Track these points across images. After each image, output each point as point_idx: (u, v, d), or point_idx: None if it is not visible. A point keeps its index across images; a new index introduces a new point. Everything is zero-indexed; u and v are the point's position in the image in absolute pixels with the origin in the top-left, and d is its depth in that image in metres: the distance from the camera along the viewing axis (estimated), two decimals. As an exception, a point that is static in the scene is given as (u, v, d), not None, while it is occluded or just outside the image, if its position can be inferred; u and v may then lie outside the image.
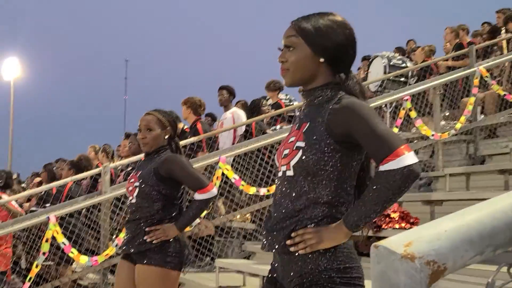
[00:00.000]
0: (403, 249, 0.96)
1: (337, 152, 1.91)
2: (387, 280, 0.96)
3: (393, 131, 1.89)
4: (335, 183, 1.92)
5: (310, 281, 1.91)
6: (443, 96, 7.86)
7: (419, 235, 1.05)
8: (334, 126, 1.90)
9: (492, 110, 8.09)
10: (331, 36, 1.98)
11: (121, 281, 3.49)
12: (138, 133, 3.63)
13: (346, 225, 1.87)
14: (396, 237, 1.03)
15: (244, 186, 6.46)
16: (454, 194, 5.56)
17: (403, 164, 1.77)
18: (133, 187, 3.50)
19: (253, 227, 7.21)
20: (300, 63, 2.01)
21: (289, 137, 2.02)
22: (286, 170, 1.98)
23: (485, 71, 7.60)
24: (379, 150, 1.82)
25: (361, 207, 1.84)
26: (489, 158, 7.52)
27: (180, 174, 3.41)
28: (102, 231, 6.18)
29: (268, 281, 2.12)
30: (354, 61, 2.07)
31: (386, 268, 0.96)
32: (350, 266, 1.91)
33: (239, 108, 8.38)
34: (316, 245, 1.89)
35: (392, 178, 1.78)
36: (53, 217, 5.78)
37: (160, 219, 3.41)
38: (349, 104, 1.91)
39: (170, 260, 3.35)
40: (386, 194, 1.80)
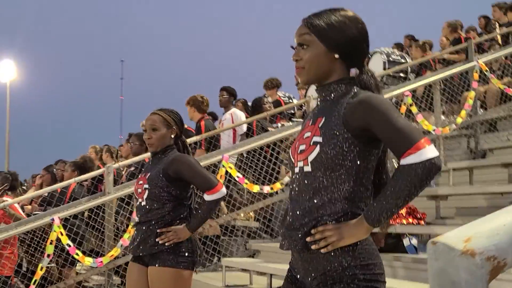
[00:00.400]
0: (462, 245, 0.95)
1: (355, 146, 1.89)
2: (447, 277, 0.95)
3: (413, 125, 1.87)
4: (354, 178, 1.91)
5: (333, 278, 1.89)
6: (442, 90, 7.86)
7: (476, 230, 1.03)
8: (351, 120, 1.89)
9: (493, 104, 8.11)
10: (344, 32, 1.97)
11: (132, 283, 3.46)
12: (144, 133, 3.61)
13: (367, 220, 1.84)
14: (453, 233, 1.01)
15: (247, 184, 6.46)
16: (459, 188, 5.56)
17: (424, 157, 1.76)
18: (142, 189, 3.47)
19: (257, 226, 7.20)
20: (315, 61, 2.00)
21: (304, 132, 2.00)
22: (303, 166, 1.96)
23: (485, 66, 7.61)
24: (399, 144, 1.80)
25: (382, 202, 1.81)
26: (490, 152, 7.54)
27: (189, 174, 3.38)
28: (106, 232, 6.16)
29: (288, 280, 2.10)
30: (367, 55, 2.06)
31: (445, 265, 0.94)
32: (372, 263, 1.90)
33: (239, 108, 8.39)
34: (337, 243, 1.87)
35: (414, 171, 1.76)
36: (57, 219, 5.77)
37: (171, 220, 3.39)
38: (367, 98, 1.89)
39: (183, 260, 3.33)
40: (408, 188, 1.77)
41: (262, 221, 7.21)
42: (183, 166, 3.40)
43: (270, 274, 4.79)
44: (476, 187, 5.68)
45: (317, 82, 2.05)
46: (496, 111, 8.00)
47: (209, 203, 3.36)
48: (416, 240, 4.91)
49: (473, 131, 7.68)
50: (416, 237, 4.92)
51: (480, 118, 7.74)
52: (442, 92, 7.78)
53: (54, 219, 5.75)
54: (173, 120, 3.55)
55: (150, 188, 3.43)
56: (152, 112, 3.59)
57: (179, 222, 3.40)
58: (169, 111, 3.60)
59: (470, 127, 7.72)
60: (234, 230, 6.95)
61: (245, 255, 6.87)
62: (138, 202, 3.50)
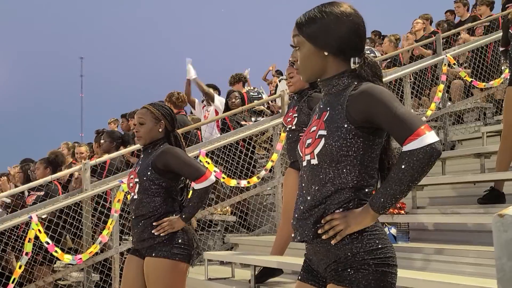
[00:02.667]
0: None
1: (359, 137, 1.96)
2: None
3: (413, 113, 1.95)
4: (359, 167, 1.98)
5: (344, 265, 1.95)
6: (413, 84, 8.03)
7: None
8: (354, 112, 1.95)
9: (459, 97, 8.33)
10: (330, 30, 2.02)
11: (130, 275, 3.50)
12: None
13: (372, 208, 1.91)
14: None
15: (225, 178, 6.50)
16: (434, 179, 5.70)
17: (425, 142, 1.83)
18: (134, 183, 3.51)
19: (234, 219, 7.25)
20: (307, 61, 2.07)
21: (311, 127, 2.07)
22: (310, 159, 2.02)
23: (452, 59, 7.80)
24: (401, 131, 1.87)
25: (387, 189, 1.88)
26: (459, 143, 7.74)
27: (177, 165, 3.43)
28: (85, 229, 6.13)
29: (304, 270, 2.16)
30: (363, 43, 2.09)
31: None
32: (382, 247, 1.97)
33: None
34: (344, 231, 1.94)
35: (416, 157, 1.82)
36: (35, 217, 5.71)
37: (163, 213, 3.43)
38: (368, 89, 1.96)
39: (178, 252, 3.38)
40: (411, 173, 1.84)
41: (239, 215, 7.26)
42: (170, 157, 3.44)
43: (253, 265, 4.83)
44: (450, 177, 5.84)
45: (316, 79, 2.12)
46: (463, 103, 8.21)
47: (199, 191, 3.41)
48: (395, 230, 5.03)
49: (442, 123, 7.87)
50: (395, 226, 5.03)
51: (449, 110, 7.92)
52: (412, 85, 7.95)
53: (32, 217, 5.70)
54: (161, 114, 3.58)
55: (140, 181, 3.47)
56: (142, 106, 3.62)
57: (172, 215, 3.44)
58: (159, 105, 3.64)
59: (439, 119, 7.91)
60: (212, 224, 6.98)
61: (223, 249, 6.91)
62: (131, 196, 3.54)
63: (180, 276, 3.40)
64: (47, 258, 6.08)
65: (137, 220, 3.47)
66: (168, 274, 3.35)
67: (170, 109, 3.68)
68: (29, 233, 5.64)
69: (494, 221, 1.09)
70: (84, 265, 6.09)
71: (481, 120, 8.05)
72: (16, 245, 6.12)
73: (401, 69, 7.81)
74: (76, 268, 6.23)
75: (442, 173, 6.20)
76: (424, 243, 4.99)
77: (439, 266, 4.34)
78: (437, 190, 6.12)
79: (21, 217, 5.85)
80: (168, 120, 3.61)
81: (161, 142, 3.57)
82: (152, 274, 3.36)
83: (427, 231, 5.38)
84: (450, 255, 4.38)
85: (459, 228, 5.07)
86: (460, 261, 4.28)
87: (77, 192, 6.22)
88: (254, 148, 7.30)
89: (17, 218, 5.88)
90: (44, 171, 6.99)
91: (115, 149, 7.27)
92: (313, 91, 4.64)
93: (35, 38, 42.65)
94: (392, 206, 1.93)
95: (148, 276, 3.39)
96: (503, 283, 1.08)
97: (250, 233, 7.18)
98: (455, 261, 4.31)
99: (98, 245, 5.95)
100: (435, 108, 7.43)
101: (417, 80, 8.10)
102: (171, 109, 3.72)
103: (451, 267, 4.26)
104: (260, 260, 4.87)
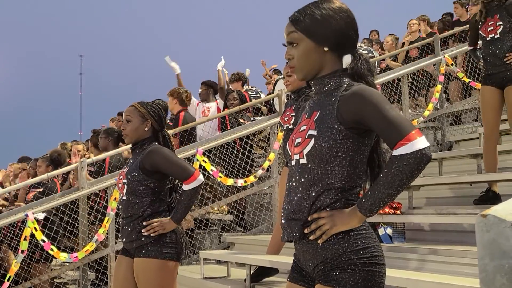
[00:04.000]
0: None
1: (348, 138, 1.95)
2: (498, 247, 1.02)
3: (404, 117, 1.94)
4: (348, 168, 1.97)
5: (331, 265, 1.95)
6: (410, 84, 8.04)
7: (522, 204, 1.10)
8: (344, 113, 1.94)
9: (457, 98, 8.34)
10: (330, 24, 2.01)
11: (120, 276, 3.50)
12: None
13: (360, 210, 1.91)
14: (501, 206, 1.08)
15: (222, 177, 6.50)
16: (430, 179, 5.70)
17: (415, 148, 1.82)
18: (122, 184, 3.50)
19: (230, 218, 7.25)
20: (306, 58, 2.04)
21: (300, 126, 2.06)
22: (299, 159, 2.01)
23: (450, 59, 7.82)
24: (391, 135, 1.86)
25: (375, 192, 1.88)
26: (456, 144, 7.75)
27: (165, 165, 3.40)
28: (81, 227, 6.13)
29: (294, 270, 2.16)
30: (357, 40, 2.10)
31: (496, 235, 1.01)
32: (369, 246, 1.96)
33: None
34: (330, 231, 1.94)
35: (406, 162, 1.82)
36: (31, 215, 5.71)
37: (151, 214, 3.42)
38: (359, 91, 1.94)
39: (167, 251, 3.38)
40: (400, 178, 1.83)
41: (236, 214, 7.26)
42: (158, 157, 3.41)
43: (249, 265, 4.83)
44: (447, 177, 5.84)
45: (312, 77, 2.10)
46: (461, 104, 8.22)
47: (188, 192, 3.39)
48: (391, 230, 5.03)
49: (439, 124, 7.88)
50: (391, 226, 5.04)
51: (446, 111, 7.93)
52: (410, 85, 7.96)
53: (28, 215, 5.69)
54: (148, 113, 3.54)
55: (128, 182, 3.46)
56: (130, 104, 3.61)
57: (159, 217, 3.43)
58: (147, 103, 3.61)
59: (436, 120, 7.91)
60: (209, 223, 6.98)
61: (219, 248, 6.92)
62: (120, 196, 3.54)
63: (170, 275, 3.39)
64: (43, 256, 6.07)
65: (126, 221, 3.47)
66: (158, 274, 3.34)
67: (159, 108, 3.62)
68: (25, 231, 5.63)
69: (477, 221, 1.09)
70: (80, 263, 6.09)
71: (478, 121, 8.05)
72: (12, 243, 6.11)
73: (399, 70, 7.81)
74: (72, 266, 6.22)
75: (439, 174, 6.20)
76: (420, 243, 4.99)
77: (435, 267, 4.35)
78: (433, 190, 6.13)
79: (17, 215, 5.83)
80: (156, 119, 3.56)
81: (149, 141, 3.53)
82: (142, 275, 3.36)
83: (423, 232, 5.38)
84: (446, 255, 4.38)
85: (455, 229, 5.08)
86: (456, 261, 4.28)
87: (74, 190, 6.21)
88: (252, 147, 7.30)
89: (12, 216, 5.86)
90: (46, 169, 7.01)
91: (111, 144, 7.24)
92: (310, 90, 4.64)
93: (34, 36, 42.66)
94: (380, 209, 1.93)
95: (138, 277, 3.39)
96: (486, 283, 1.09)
97: (246, 232, 7.18)
98: (451, 261, 4.31)
99: (94, 243, 5.95)
100: (432, 109, 7.44)
101: (415, 81, 8.11)
102: (161, 108, 3.67)
103: (447, 268, 4.26)
104: (256, 259, 4.87)
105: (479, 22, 5.45)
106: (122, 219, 3.52)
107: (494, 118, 5.33)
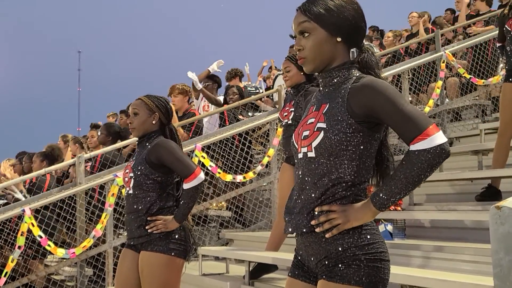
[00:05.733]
0: None
1: (359, 132, 1.91)
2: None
3: (420, 111, 1.90)
4: (357, 162, 1.93)
5: (335, 261, 1.91)
6: (411, 80, 7.99)
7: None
8: (355, 106, 1.90)
9: (455, 94, 8.29)
10: (343, 14, 1.98)
11: (124, 269, 3.44)
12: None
13: (374, 204, 1.87)
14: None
15: (220, 173, 6.45)
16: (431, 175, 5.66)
17: (434, 143, 1.79)
18: (129, 178, 3.45)
19: (229, 215, 7.21)
20: (318, 47, 2.00)
21: (307, 118, 2.01)
22: (307, 152, 1.97)
23: (451, 56, 7.76)
24: (408, 130, 1.82)
25: (391, 187, 1.84)
26: (457, 140, 7.70)
27: (168, 160, 3.35)
28: (78, 223, 6.08)
29: (295, 266, 2.12)
30: (365, 33, 2.07)
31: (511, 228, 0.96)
32: (373, 242, 1.92)
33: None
34: (342, 226, 1.90)
35: (424, 157, 1.79)
36: (28, 210, 5.65)
37: (158, 209, 3.37)
38: (371, 83, 1.90)
39: (175, 247, 3.32)
40: (418, 173, 1.80)
41: (235, 210, 7.22)
42: (163, 151, 3.37)
43: (248, 261, 4.79)
44: (447, 173, 5.80)
45: (322, 68, 2.04)
46: (461, 100, 8.17)
47: (188, 190, 3.34)
48: (391, 226, 4.99)
49: (440, 120, 7.83)
50: (392, 223, 4.99)
51: (447, 107, 7.88)
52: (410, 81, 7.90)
53: (25, 210, 5.64)
54: (155, 106, 3.51)
55: (135, 176, 3.41)
56: (137, 98, 3.56)
57: (166, 212, 3.38)
58: (154, 97, 3.58)
59: (437, 116, 7.87)
60: (207, 219, 6.93)
61: (218, 244, 6.87)
62: (126, 191, 3.48)
63: (176, 272, 3.34)
64: (40, 252, 6.02)
65: (133, 216, 3.41)
66: (163, 269, 3.29)
67: (166, 102, 3.59)
68: (22, 226, 5.58)
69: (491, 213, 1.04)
70: (77, 259, 6.04)
71: (479, 117, 8.01)
72: (9, 239, 6.06)
73: (399, 65, 7.76)
74: (69, 262, 6.17)
75: (440, 170, 6.16)
76: (421, 240, 4.96)
77: (435, 263, 4.31)
78: (434, 187, 6.08)
79: (14, 210, 5.78)
80: (163, 112, 3.53)
81: (156, 135, 3.50)
82: (147, 269, 3.30)
83: (424, 228, 5.34)
84: (447, 252, 4.34)
85: (456, 225, 5.04)
86: (457, 258, 4.24)
87: (71, 185, 6.16)
88: (251, 143, 7.25)
89: (9, 211, 5.81)
90: (40, 164, 6.96)
91: (111, 142, 7.20)
92: (310, 85, 4.60)
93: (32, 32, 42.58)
94: (393, 204, 1.90)
95: (142, 270, 3.33)
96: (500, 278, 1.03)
97: (245, 228, 7.14)
98: (452, 258, 4.27)
99: (92, 239, 5.90)
100: (433, 105, 7.39)
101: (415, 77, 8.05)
102: (168, 102, 3.63)
103: (448, 264, 4.22)
104: (255, 256, 4.82)
105: (507, 17, 5.30)
106: (128, 214, 3.46)
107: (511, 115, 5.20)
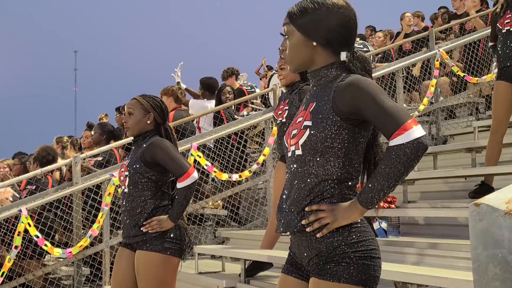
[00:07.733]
0: (505, 206, 1.01)
1: (344, 129, 1.94)
2: (491, 236, 1.00)
3: (400, 106, 1.93)
4: (343, 159, 1.96)
5: (326, 258, 1.94)
6: (405, 78, 8.02)
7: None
8: (340, 103, 1.93)
9: (448, 93, 8.33)
10: (320, 21, 2.00)
11: (121, 268, 3.47)
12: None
13: (360, 203, 1.90)
14: (493, 195, 1.07)
15: (216, 172, 6.48)
16: (425, 173, 5.70)
17: (412, 137, 1.81)
18: (124, 177, 3.47)
19: (225, 213, 7.23)
20: (295, 50, 2.05)
21: (297, 117, 2.05)
22: (295, 150, 2.00)
23: (445, 54, 7.80)
24: (387, 125, 1.85)
25: (374, 184, 1.87)
26: (451, 138, 7.74)
27: (162, 158, 3.38)
28: (75, 223, 6.09)
29: (289, 263, 2.15)
30: (353, 37, 2.07)
31: (489, 225, 1.00)
32: (364, 239, 1.95)
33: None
34: (331, 225, 1.93)
35: (402, 151, 1.81)
36: (24, 210, 5.67)
37: (153, 208, 3.39)
38: (355, 81, 1.93)
39: (170, 246, 3.35)
40: (398, 168, 1.83)
41: (231, 209, 7.24)
42: (158, 150, 3.40)
43: (244, 259, 4.82)
44: (441, 171, 5.84)
45: (304, 69, 2.10)
46: (455, 98, 8.21)
47: (182, 190, 3.36)
48: (385, 224, 5.03)
49: (434, 118, 7.86)
50: (386, 220, 5.03)
51: (441, 105, 7.92)
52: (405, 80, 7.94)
53: (21, 210, 5.66)
54: (150, 106, 3.54)
55: (130, 174, 3.44)
56: (132, 98, 3.59)
57: (162, 211, 3.41)
58: (149, 96, 3.60)
59: (431, 114, 7.90)
60: (203, 218, 6.96)
61: (214, 243, 6.90)
62: (121, 189, 3.51)
63: (171, 271, 3.37)
64: (37, 252, 6.04)
65: (128, 214, 3.43)
66: (159, 268, 3.32)
67: (161, 101, 3.62)
68: (19, 226, 5.60)
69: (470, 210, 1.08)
70: (74, 259, 6.06)
71: (473, 115, 8.05)
72: (6, 239, 6.07)
73: (393, 64, 7.80)
74: (66, 262, 6.19)
75: (434, 168, 6.20)
76: (415, 237, 4.99)
77: (430, 260, 4.35)
78: (428, 184, 6.12)
79: (11, 210, 5.80)
80: (158, 112, 3.56)
81: (151, 134, 3.53)
82: (143, 267, 3.33)
83: (418, 225, 5.38)
84: (441, 249, 4.38)
85: (450, 222, 5.08)
86: (451, 255, 4.28)
87: (67, 185, 6.18)
88: (246, 142, 7.28)
89: (6, 211, 5.83)
90: (34, 168, 6.95)
91: (105, 142, 7.22)
92: (304, 84, 4.62)
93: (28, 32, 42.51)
94: (380, 201, 1.92)
95: (138, 269, 3.36)
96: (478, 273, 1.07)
97: (241, 227, 7.17)
98: (446, 255, 4.31)
99: (88, 238, 5.92)
100: (427, 103, 7.43)
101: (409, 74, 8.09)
102: (163, 101, 3.66)
103: (442, 261, 4.26)
104: (250, 254, 4.86)
105: (499, 16, 5.31)
106: (123, 212, 3.49)
107: (504, 113, 5.22)
